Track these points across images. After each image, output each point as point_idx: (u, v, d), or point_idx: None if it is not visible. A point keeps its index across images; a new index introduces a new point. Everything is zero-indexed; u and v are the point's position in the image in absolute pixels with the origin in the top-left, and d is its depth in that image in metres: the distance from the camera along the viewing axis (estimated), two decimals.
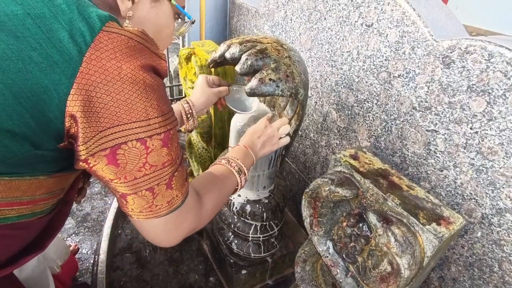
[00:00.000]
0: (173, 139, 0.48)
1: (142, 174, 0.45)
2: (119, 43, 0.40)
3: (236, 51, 0.85)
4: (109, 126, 0.40)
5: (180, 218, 0.53)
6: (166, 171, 0.48)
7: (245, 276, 1.31)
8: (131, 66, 0.41)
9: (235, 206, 1.16)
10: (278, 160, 1.10)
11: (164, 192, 0.48)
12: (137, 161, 0.44)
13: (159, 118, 0.44)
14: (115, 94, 0.40)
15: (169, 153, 0.47)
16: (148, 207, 0.48)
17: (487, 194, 0.81)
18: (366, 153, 0.83)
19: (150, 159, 0.45)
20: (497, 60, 0.73)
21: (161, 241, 0.54)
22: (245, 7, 1.85)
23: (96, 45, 0.39)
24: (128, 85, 0.41)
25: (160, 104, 0.45)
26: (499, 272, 0.82)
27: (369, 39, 1.04)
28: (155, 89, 0.44)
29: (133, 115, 0.41)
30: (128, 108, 0.41)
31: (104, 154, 0.42)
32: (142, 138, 0.43)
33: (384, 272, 0.67)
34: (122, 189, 0.46)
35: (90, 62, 0.38)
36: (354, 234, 0.75)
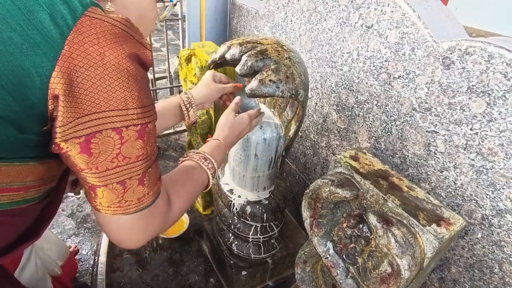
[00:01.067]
0: (150, 133, 0.47)
1: (114, 165, 0.44)
2: (102, 29, 0.40)
3: (236, 52, 0.85)
4: (87, 113, 0.40)
5: (148, 219, 0.52)
6: (140, 166, 0.46)
7: (245, 277, 1.31)
8: (114, 53, 0.40)
9: (235, 207, 1.16)
10: (278, 161, 1.10)
11: (135, 188, 0.47)
12: (110, 151, 0.43)
13: (138, 109, 0.44)
14: (96, 80, 0.39)
15: (144, 146, 0.46)
16: (118, 202, 0.46)
17: (487, 195, 0.81)
18: (366, 154, 0.83)
19: (124, 150, 0.44)
20: (497, 61, 0.73)
21: (124, 240, 0.52)
22: (245, 8, 1.85)
23: (78, 29, 0.38)
24: (110, 72, 0.40)
25: (141, 95, 0.44)
26: (500, 273, 0.82)
27: (369, 40, 1.04)
28: (138, 79, 0.43)
29: (112, 103, 0.41)
30: (108, 96, 0.40)
31: (77, 142, 0.41)
32: (118, 127, 0.42)
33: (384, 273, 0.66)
34: (93, 180, 0.44)
35: (73, 45, 0.38)
36: (354, 235, 0.75)
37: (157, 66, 3.74)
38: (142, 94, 0.44)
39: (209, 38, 2.12)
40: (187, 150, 1.87)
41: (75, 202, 1.85)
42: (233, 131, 0.82)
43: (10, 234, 0.52)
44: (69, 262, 1.28)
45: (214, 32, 2.13)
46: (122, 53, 0.41)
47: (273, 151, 1.05)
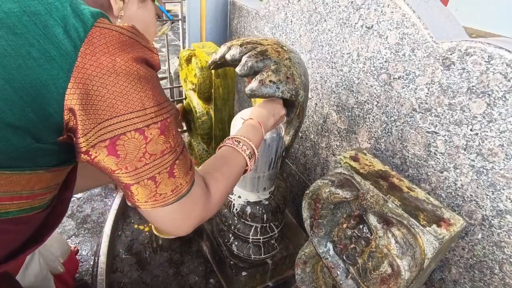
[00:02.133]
0: (170, 127, 0.49)
1: (142, 164, 0.46)
2: (111, 38, 0.42)
3: (237, 52, 0.85)
4: (107, 117, 0.42)
5: (187, 208, 0.54)
6: (166, 159, 0.49)
7: (245, 277, 1.31)
8: (124, 59, 0.42)
9: (235, 208, 1.16)
10: (279, 161, 1.10)
11: (166, 181, 0.49)
12: (136, 151, 0.45)
13: (155, 107, 0.46)
14: (111, 86, 0.41)
15: (167, 140, 0.48)
16: (153, 196, 0.49)
17: (488, 195, 0.81)
18: (366, 155, 0.83)
19: (149, 148, 0.46)
20: (497, 62, 0.73)
21: (172, 229, 0.55)
22: (246, 9, 1.85)
23: (89, 40, 0.40)
24: (123, 77, 0.42)
25: (155, 94, 0.46)
26: (500, 274, 0.82)
27: (369, 41, 1.04)
28: (149, 79, 0.46)
29: (130, 105, 0.43)
30: (124, 99, 0.43)
31: (104, 145, 0.43)
32: (140, 128, 0.44)
33: (384, 273, 0.66)
34: (125, 179, 0.47)
35: (85, 56, 0.40)
36: (355, 235, 0.75)
37: None
38: (156, 93, 0.47)
39: (209, 39, 2.13)
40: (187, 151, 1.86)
41: (75, 202, 1.85)
42: (269, 113, 0.81)
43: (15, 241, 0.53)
44: (71, 259, 1.28)
45: (214, 33, 2.13)
46: (131, 58, 0.43)
47: (273, 152, 1.05)
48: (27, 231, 0.54)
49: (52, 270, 1.13)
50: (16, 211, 0.47)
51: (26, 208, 0.48)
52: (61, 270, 1.18)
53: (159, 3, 0.63)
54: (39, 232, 0.57)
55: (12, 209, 0.46)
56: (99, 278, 1.35)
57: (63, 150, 0.46)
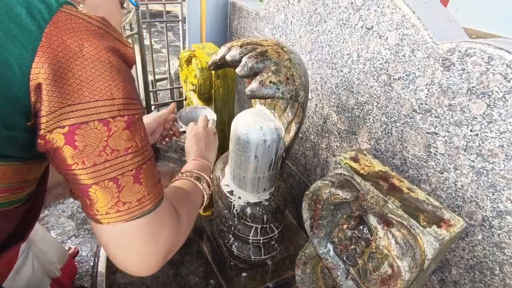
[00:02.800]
0: (138, 125, 0.45)
1: (103, 159, 0.42)
2: (77, 24, 0.40)
3: (237, 53, 0.85)
4: (71, 103, 0.39)
5: (155, 227, 0.48)
6: (131, 160, 0.44)
7: (246, 278, 1.31)
8: (93, 45, 0.40)
9: (236, 209, 1.16)
10: (279, 162, 1.10)
11: (131, 186, 0.44)
12: (97, 143, 0.41)
13: (124, 99, 0.43)
14: (77, 71, 0.39)
15: (133, 138, 0.44)
16: (115, 204, 0.43)
17: (488, 196, 0.81)
18: (366, 156, 0.83)
19: (112, 142, 0.42)
20: (497, 63, 0.73)
21: (135, 261, 0.48)
22: (246, 10, 1.85)
23: (55, 22, 0.39)
24: (91, 63, 0.40)
25: (126, 86, 0.43)
26: (500, 275, 0.82)
27: (369, 42, 1.05)
28: (121, 71, 0.43)
29: (96, 93, 0.40)
30: (91, 86, 0.40)
31: (62, 132, 0.40)
32: (105, 118, 0.41)
33: (384, 274, 0.66)
34: (82, 177, 0.42)
35: (51, 37, 0.38)
36: (355, 236, 0.75)
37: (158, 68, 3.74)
38: (128, 86, 0.44)
39: (209, 40, 2.13)
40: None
41: (75, 203, 1.85)
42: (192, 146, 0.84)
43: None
44: (69, 265, 1.27)
45: (215, 34, 2.13)
46: (101, 45, 0.41)
47: (273, 153, 1.05)
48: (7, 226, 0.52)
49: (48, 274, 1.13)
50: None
51: (4, 202, 0.46)
52: (58, 274, 1.18)
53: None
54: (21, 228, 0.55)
55: None
56: (99, 279, 1.35)
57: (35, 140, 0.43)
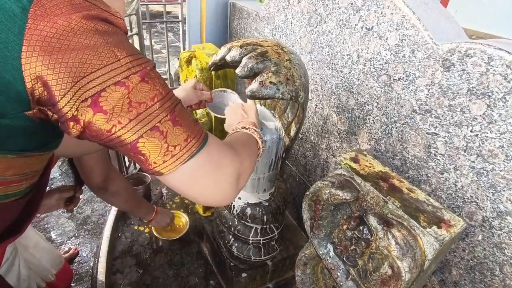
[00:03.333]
0: (152, 75, 0.45)
1: (135, 114, 0.42)
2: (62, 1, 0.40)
3: (237, 54, 0.85)
4: (83, 75, 0.39)
5: (214, 156, 0.50)
6: (161, 107, 0.45)
7: (246, 279, 1.30)
8: (79, 16, 0.40)
9: (236, 209, 1.16)
10: (279, 163, 1.10)
11: (173, 130, 0.45)
12: (122, 102, 0.42)
13: (130, 57, 0.43)
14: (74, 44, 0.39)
15: (153, 87, 0.44)
16: (166, 149, 0.45)
17: (488, 197, 0.81)
18: (366, 156, 0.83)
19: (133, 96, 0.42)
20: (497, 63, 0.73)
21: (211, 191, 0.50)
22: (246, 11, 1.85)
23: (38, 1, 0.38)
24: (82, 34, 0.39)
25: (125, 46, 0.43)
26: (500, 275, 0.82)
27: (369, 42, 1.05)
28: (112, 33, 0.43)
29: (102, 58, 0.40)
30: (95, 52, 0.40)
31: (87, 105, 0.40)
32: (119, 81, 0.41)
33: (384, 275, 0.66)
34: (126, 136, 0.43)
35: (36, 18, 0.37)
36: (355, 237, 0.75)
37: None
38: (127, 45, 0.44)
39: (209, 40, 2.13)
40: None
41: None
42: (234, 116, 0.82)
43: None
44: (64, 270, 1.27)
45: (215, 34, 2.13)
46: (87, 16, 0.40)
47: (273, 153, 1.05)
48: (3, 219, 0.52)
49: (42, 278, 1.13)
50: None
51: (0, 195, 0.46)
52: (52, 278, 1.18)
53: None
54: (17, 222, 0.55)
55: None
56: (99, 279, 1.35)
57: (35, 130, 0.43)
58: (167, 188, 1.98)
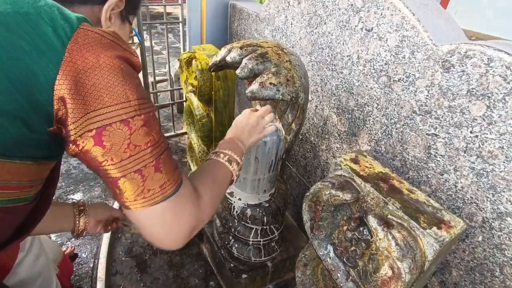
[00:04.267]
0: (152, 121, 0.52)
1: (127, 155, 0.49)
2: (94, 39, 0.47)
3: (237, 55, 0.85)
4: (94, 108, 0.46)
5: (178, 207, 0.55)
6: (151, 152, 0.51)
7: (246, 280, 1.30)
8: (107, 55, 0.47)
9: (236, 210, 1.16)
10: (279, 164, 1.10)
11: (153, 175, 0.51)
12: (121, 142, 0.48)
13: (139, 100, 0.50)
14: (96, 79, 0.46)
15: (150, 133, 0.51)
16: (141, 191, 0.50)
17: (488, 198, 0.81)
18: (366, 157, 0.83)
19: (133, 139, 0.49)
20: (497, 64, 0.73)
21: (163, 238, 0.55)
22: (246, 12, 1.86)
23: (75, 39, 0.45)
24: (106, 71, 0.47)
25: (137, 89, 0.50)
26: (501, 276, 0.82)
27: (369, 44, 1.05)
28: (131, 76, 0.50)
29: (115, 97, 0.47)
30: (109, 92, 0.47)
31: (90, 135, 0.46)
32: (125, 119, 0.48)
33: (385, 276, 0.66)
34: (112, 171, 0.49)
35: (72, 52, 0.45)
36: (355, 238, 0.75)
37: (158, 69, 3.75)
38: (139, 88, 0.51)
39: (209, 41, 2.13)
40: (187, 153, 1.87)
41: None
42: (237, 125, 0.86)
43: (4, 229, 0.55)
44: (64, 263, 1.28)
45: (215, 35, 2.14)
46: (113, 55, 0.48)
47: (273, 154, 1.05)
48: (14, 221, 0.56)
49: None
50: (5, 200, 0.49)
51: (14, 199, 0.50)
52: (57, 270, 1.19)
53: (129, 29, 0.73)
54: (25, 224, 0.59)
55: (1, 197, 0.49)
56: (99, 280, 1.35)
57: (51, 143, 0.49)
58: None
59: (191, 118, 1.69)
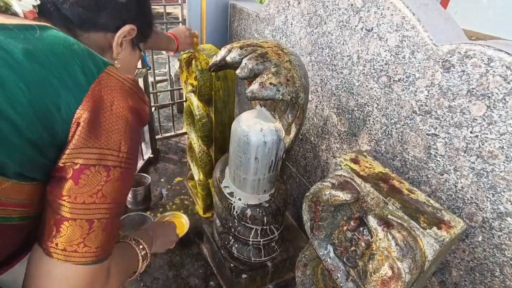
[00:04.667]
0: (128, 180, 0.54)
1: (91, 201, 0.49)
2: (115, 83, 0.52)
3: (237, 55, 0.85)
4: (90, 146, 0.49)
5: (93, 278, 0.52)
6: (111, 209, 0.52)
7: (246, 280, 1.30)
8: (121, 103, 0.51)
9: (236, 210, 1.16)
10: (279, 164, 1.10)
11: (99, 232, 0.51)
12: (94, 186, 0.49)
13: (127, 154, 0.53)
14: (103, 120, 0.50)
15: (121, 190, 0.53)
16: (78, 243, 0.49)
17: (488, 198, 0.81)
18: (366, 157, 0.83)
19: (105, 188, 0.50)
20: (497, 64, 0.73)
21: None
22: (246, 12, 1.86)
23: (99, 81, 0.50)
24: (114, 117, 0.51)
25: (132, 144, 0.54)
26: (501, 276, 0.82)
27: (369, 44, 1.05)
28: (133, 130, 0.54)
29: (109, 142, 0.50)
30: (108, 135, 0.50)
31: (73, 168, 0.48)
32: (108, 166, 0.50)
33: (385, 276, 0.66)
34: (65, 210, 0.48)
35: (94, 92, 0.49)
36: (355, 238, 0.75)
37: (158, 69, 3.75)
38: (133, 144, 0.54)
39: (209, 41, 2.13)
40: (187, 153, 1.87)
41: None
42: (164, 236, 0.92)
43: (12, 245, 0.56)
44: None
45: (215, 35, 2.14)
46: (126, 105, 0.52)
47: (273, 154, 1.05)
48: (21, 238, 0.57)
49: None
50: (18, 217, 0.51)
51: (24, 216, 0.52)
52: None
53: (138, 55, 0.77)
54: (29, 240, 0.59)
55: (14, 215, 0.51)
56: None
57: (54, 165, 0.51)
58: (167, 189, 1.98)
59: (191, 118, 1.69)
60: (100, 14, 0.60)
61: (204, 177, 1.69)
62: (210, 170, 1.65)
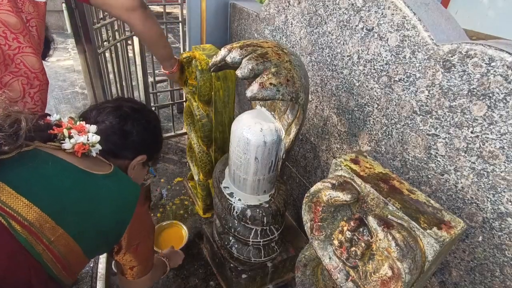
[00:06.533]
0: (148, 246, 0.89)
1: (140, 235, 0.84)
2: (140, 199, 0.79)
3: (237, 55, 0.85)
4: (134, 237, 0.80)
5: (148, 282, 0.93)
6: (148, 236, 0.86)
7: (245, 280, 1.30)
8: (142, 209, 0.80)
9: (236, 211, 1.15)
10: (279, 164, 1.10)
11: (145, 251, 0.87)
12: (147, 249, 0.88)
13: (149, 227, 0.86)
14: (137, 222, 0.78)
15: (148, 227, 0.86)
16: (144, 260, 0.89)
17: (488, 198, 0.80)
18: (366, 157, 0.83)
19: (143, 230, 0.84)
20: (498, 64, 0.73)
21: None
22: (246, 11, 1.85)
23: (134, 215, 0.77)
24: (141, 216, 0.80)
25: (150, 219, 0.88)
26: (501, 276, 0.81)
27: (370, 43, 1.05)
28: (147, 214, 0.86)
29: (143, 229, 0.82)
30: (142, 227, 0.82)
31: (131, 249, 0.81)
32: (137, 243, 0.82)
33: (385, 276, 0.66)
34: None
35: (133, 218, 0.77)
36: (355, 238, 0.74)
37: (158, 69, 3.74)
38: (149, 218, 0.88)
39: (209, 41, 2.13)
40: (187, 153, 1.86)
41: None
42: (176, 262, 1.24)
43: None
44: None
45: (215, 35, 2.13)
46: (144, 209, 0.82)
47: (273, 155, 1.05)
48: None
49: None
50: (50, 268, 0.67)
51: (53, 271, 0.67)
52: None
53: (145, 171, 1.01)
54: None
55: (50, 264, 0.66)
56: (99, 280, 1.35)
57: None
58: (167, 190, 1.98)
59: (191, 118, 1.69)
60: (123, 151, 0.86)
61: (204, 177, 1.69)
62: (210, 170, 1.65)
